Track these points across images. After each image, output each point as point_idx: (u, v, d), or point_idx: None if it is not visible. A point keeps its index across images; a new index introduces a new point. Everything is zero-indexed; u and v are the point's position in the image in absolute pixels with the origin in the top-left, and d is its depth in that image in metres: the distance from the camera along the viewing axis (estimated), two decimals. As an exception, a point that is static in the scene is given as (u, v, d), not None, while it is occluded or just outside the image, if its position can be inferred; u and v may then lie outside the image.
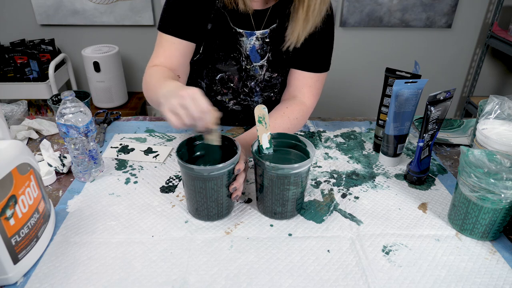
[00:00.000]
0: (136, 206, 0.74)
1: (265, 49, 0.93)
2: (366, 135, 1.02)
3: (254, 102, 1.03)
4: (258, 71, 0.96)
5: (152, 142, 0.96)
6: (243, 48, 0.93)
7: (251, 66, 0.95)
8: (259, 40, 0.92)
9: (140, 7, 2.12)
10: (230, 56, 0.93)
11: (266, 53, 0.94)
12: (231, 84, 0.98)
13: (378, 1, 2.11)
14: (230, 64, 0.94)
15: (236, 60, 0.94)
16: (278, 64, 0.96)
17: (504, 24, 2.17)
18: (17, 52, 1.95)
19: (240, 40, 0.92)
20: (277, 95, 1.03)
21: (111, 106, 2.16)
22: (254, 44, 0.92)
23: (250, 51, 0.93)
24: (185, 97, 0.63)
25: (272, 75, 0.97)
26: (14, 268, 0.57)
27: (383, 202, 0.77)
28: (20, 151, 0.59)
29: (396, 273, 0.61)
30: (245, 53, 0.93)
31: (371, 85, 2.34)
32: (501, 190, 0.61)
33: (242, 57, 0.94)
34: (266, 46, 0.93)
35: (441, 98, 0.76)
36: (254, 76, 0.96)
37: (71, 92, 0.74)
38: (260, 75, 0.96)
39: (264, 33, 0.91)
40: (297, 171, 0.65)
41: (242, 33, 0.91)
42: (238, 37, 0.91)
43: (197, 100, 0.63)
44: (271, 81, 0.98)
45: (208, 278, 0.60)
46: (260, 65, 0.95)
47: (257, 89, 0.99)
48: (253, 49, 0.93)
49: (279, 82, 1.00)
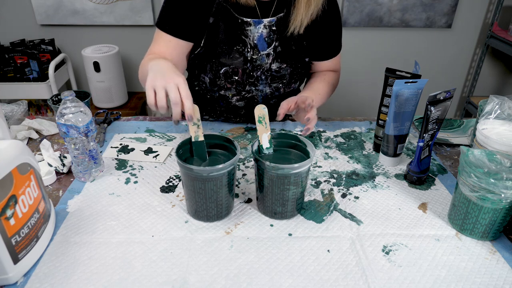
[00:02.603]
0: (136, 206, 0.74)
1: (272, 37, 0.94)
2: (366, 135, 1.02)
3: (259, 92, 1.02)
4: (265, 59, 0.96)
5: (152, 142, 0.96)
6: (250, 37, 0.93)
7: (258, 55, 0.95)
8: (266, 28, 0.92)
9: (140, 7, 2.12)
10: (234, 49, 0.94)
11: (273, 41, 0.94)
12: (236, 77, 0.98)
13: (378, 1, 2.11)
14: (234, 57, 0.94)
15: (240, 52, 0.94)
16: (287, 54, 0.96)
17: (504, 24, 2.16)
18: (17, 52, 1.95)
19: (247, 30, 0.92)
20: (286, 87, 1.03)
21: (111, 106, 2.16)
22: (261, 32, 0.93)
23: (258, 40, 0.93)
24: (169, 82, 0.71)
25: (281, 65, 0.97)
26: (14, 268, 0.57)
27: (383, 202, 0.77)
28: (20, 151, 0.59)
29: (396, 273, 0.61)
30: (252, 43, 0.93)
31: (371, 85, 2.34)
32: (501, 190, 0.61)
33: (247, 48, 0.94)
34: (273, 34, 0.93)
35: (441, 98, 0.76)
36: (261, 65, 0.96)
37: (71, 92, 0.74)
38: (266, 64, 0.96)
39: (271, 21, 0.92)
40: (297, 171, 0.65)
41: (250, 21, 0.91)
42: (245, 27, 0.92)
43: (180, 87, 0.71)
44: (280, 72, 0.98)
45: (208, 278, 0.60)
46: (267, 54, 0.95)
47: (263, 77, 0.99)
48: (260, 37, 0.93)
49: (288, 73, 1.00)
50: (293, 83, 1.02)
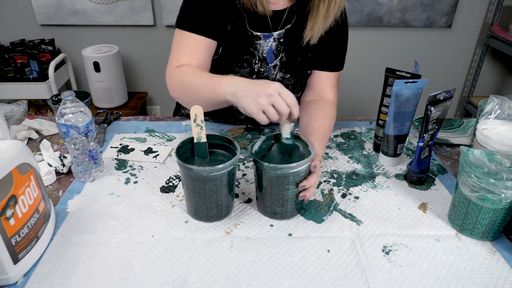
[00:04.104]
0: (136, 206, 0.74)
1: (279, 49, 0.93)
2: (366, 135, 1.02)
3: None
4: (272, 71, 0.95)
5: (152, 142, 0.96)
6: (259, 51, 0.92)
7: (266, 67, 0.94)
8: (275, 41, 0.92)
9: (140, 7, 2.12)
10: (243, 58, 0.93)
11: (280, 53, 0.94)
12: None
13: (378, 1, 2.11)
14: (242, 66, 0.94)
15: (248, 62, 0.93)
16: (292, 65, 0.96)
17: (504, 24, 2.16)
18: (17, 52, 1.95)
19: (256, 44, 0.91)
20: None
21: (111, 106, 2.16)
22: (271, 46, 0.92)
23: (267, 53, 0.92)
24: (273, 95, 0.65)
25: (285, 75, 0.97)
26: (14, 268, 0.57)
27: (383, 202, 0.77)
28: (20, 151, 0.59)
29: (396, 273, 0.61)
30: (260, 56, 0.92)
31: (371, 85, 2.34)
32: (501, 190, 0.61)
33: (255, 60, 0.93)
34: (281, 46, 0.93)
35: (441, 98, 0.76)
36: (267, 77, 0.96)
37: (71, 92, 0.74)
38: (273, 75, 0.96)
39: (280, 33, 0.91)
40: (295, 171, 0.65)
41: (260, 36, 0.90)
42: (254, 40, 0.91)
43: (283, 94, 0.65)
44: (283, 82, 0.98)
45: (208, 278, 0.60)
46: (274, 65, 0.95)
47: None
48: (270, 50, 0.92)
49: (291, 83, 0.99)
50: (295, 93, 1.02)
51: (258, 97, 0.66)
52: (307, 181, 0.68)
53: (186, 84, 0.82)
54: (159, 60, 2.29)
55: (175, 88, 0.85)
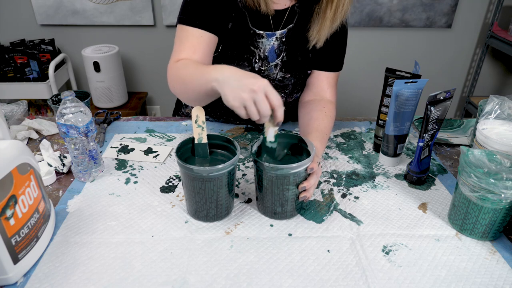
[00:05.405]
0: (136, 206, 0.74)
1: (281, 48, 0.93)
2: (366, 135, 1.02)
3: None
4: (273, 70, 0.95)
5: (152, 142, 0.96)
6: (261, 49, 0.92)
7: (267, 66, 0.94)
8: (278, 40, 0.92)
9: (140, 7, 2.12)
10: (243, 57, 0.93)
11: (282, 52, 0.94)
12: None
13: (378, 1, 2.11)
14: (243, 65, 0.93)
15: (249, 61, 0.93)
16: (292, 65, 0.96)
17: (504, 24, 2.16)
18: (17, 52, 1.95)
19: (258, 42, 0.91)
20: (287, 96, 1.02)
21: (111, 106, 2.16)
22: (273, 45, 0.92)
23: (269, 52, 0.93)
24: (257, 92, 0.61)
25: (285, 75, 0.97)
26: (14, 268, 0.57)
27: (383, 202, 0.77)
28: (20, 151, 0.59)
29: (396, 273, 0.61)
30: (262, 55, 0.92)
31: (371, 85, 2.34)
32: (501, 190, 0.61)
33: (256, 59, 0.93)
34: (282, 45, 0.93)
35: (441, 98, 0.76)
36: (268, 75, 0.96)
37: (71, 92, 0.74)
38: (273, 74, 0.96)
39: (282, 33, 0.91)
40: (296, 171, 0.65)
41: (263, 34, 0.90)
42: (256, 39, 0.91)
43: (269, 94, 0.62)
44: (284, 82, 0.98)
45: (208, 278, 0.60)
46: (275, 64, 0.95)
47: None
48: (272, 49, 0.92)
49: (291, 83, 0.99)
50: (295, 93, 1.02)
51: (242, 90, 0.62)
52: (307, 182, 0.68)
53: (182, 75, 0.81)
54: (159, 60, 2.29)
55: (173, 81, 0.85)
